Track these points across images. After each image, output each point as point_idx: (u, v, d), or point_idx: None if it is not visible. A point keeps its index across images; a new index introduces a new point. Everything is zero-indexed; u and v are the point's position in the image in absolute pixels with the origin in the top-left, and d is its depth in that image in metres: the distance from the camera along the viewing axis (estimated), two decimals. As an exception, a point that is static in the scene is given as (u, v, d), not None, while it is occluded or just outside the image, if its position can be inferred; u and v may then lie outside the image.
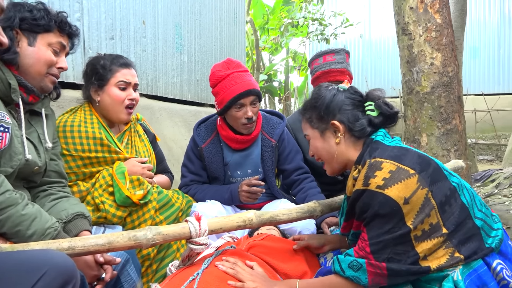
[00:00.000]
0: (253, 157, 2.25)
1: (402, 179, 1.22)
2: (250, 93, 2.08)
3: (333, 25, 10.05)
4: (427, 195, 1.22)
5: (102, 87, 1.90)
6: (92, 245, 1.26)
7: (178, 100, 4.43)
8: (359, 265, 1.23)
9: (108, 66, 1.91)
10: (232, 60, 2.19)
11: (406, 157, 1.28)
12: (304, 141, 2.56)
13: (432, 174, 1.26)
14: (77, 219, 1.49)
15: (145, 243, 1.33)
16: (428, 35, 3.42)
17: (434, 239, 1.20)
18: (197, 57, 4.80)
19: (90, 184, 1.84)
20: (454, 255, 1.20)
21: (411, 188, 1.21)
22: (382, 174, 1.23)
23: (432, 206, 1.22)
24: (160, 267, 1.88)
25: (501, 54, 10.95)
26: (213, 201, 2.16)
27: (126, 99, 1.93)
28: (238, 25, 6.24)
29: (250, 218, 1.54)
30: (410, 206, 1.20)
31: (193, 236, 1.42)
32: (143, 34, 3.68)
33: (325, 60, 2.43)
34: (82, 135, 1.83)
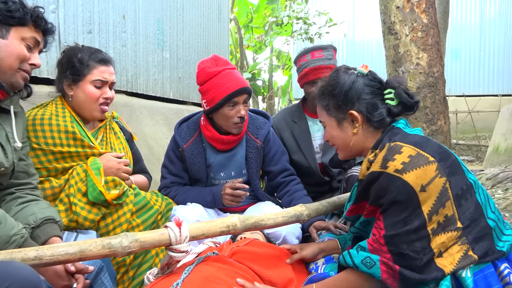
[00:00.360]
0: (237, 158, 2.17)
1: (421, 165, 1.18)
2: (244, 91, 2.01)
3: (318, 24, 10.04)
4: (444, 184, 1.18)
5: (76, 82, 1.81)
6: (62, 254, 1.16)
7: (160, 97, 4.31)
8: (373, 262, 1.17)
9: (86, 61, 1.80)
10: (219, 57, 2.10)
11: (427, 145, 1.24)
12: (289, 141, 2.50)
13: (451, 165, 1.22)
14: (47, 224, 1.40)
15: (121, 251, 1.24)
16: (414, 35, 3.39)
17: (449, 233, 1.16)
18: (179, 54, 4.69)
19: (63, 180, 1.74)
20: (468, 254, 1.16)
21: (430, 175, 1.17)
22: (402, 158, 1.19)
23: (449, 197, 1.18)
24: (137, 274, 1.79)
25: (482, 56, 11.15)
26: (194, 204, 2.06)
27: (101, 98, 1.84)
28: (222, 22, 6.13)
29: (234, 223, 1.46)
30: (427, 194, 1.16)
31: (173, 243, 1.33)
32: (123, 28, 3.55)
33: (313, 57, 2.36)
34: (54, 129, 1.73)
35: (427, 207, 1.16)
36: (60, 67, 1.84)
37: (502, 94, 10.48)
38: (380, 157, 1.23)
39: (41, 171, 1.71)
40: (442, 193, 1.17)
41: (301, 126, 2.51)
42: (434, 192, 1.16)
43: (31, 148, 1.68)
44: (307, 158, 2.46)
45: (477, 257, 1.16)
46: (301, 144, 2.48)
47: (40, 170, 1.70)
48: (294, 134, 2.50)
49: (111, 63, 1.90)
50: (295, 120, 2.53)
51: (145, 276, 1.46)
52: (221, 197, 2.05)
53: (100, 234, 1.71)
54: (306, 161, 2.46)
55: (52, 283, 1.26)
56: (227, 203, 2.06)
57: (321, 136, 2.53)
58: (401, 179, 1.16)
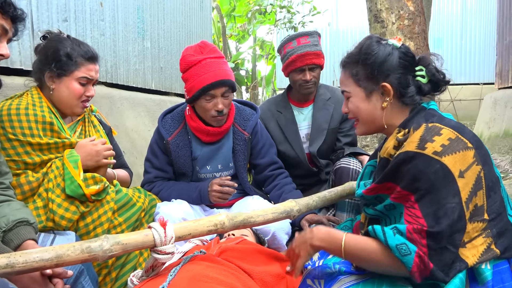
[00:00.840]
0: (224, 151, 2.09)
1: (461, 149, 1.12)
2: (222, 84, 1.89)
3: (301, 13, 9.95)
4: (479, 173, 1.13)
5: (61, 77, 1.71)
6: (37, 261, 1.08)
7: (141, 88, 4.18)
8: (408, 251, 1.08)
9: (74, 57, 1.71)
10: (206, 43, 1.98)
11: (465, 131, 1.17)
12: (275, 131, 2.44)
13: (484, 155, 1.17)
14: (20, 227, 1.30)
15: (101, 255, 1.17)
16: (401, 23, 3.35)
17: (475, 223, 1.12)
18: (160, 43, 4.55)
19: (41, 174, 1.64)
20: (490, 247, 1.12)
21: (468, 161, 1.12)
22: (441, 140, 1.12)
23: (481, 186, 1.13)
24: (120, 275, 1.71)
25: (463, 45, 11.25)
26: (179, 201, 1.98)
27: (84, 95, 1.76)
28: (204, 11, 5.99)
29: (222, 222, 1.39)
30: (465, 181, 1.10)
31: (158, 245, 1.26)
32: (101, 17, 3.40)
33: (299, 43, 2.29)
34: (31, 119, 1.63)
35: (465, 195, 1.10)
36: (44, 57, 1.72)
37: (484, 83, 10.61)
38: (416, 136, 1.15)
39: (18, 163, 1.61)
40: (477, 181, 1.12)
41: (287, 116, 2.45)
42: (471, 179, 1.11)
43: (7, 139, 1.59)
44: (294, 148, 2.41)
45: (499, 252, 1.12)
46: (287, 134, 2.43)
47: (18, 163, 1.61)
48: (280, 124, 2.45)
49: (98, 60, 1.82)
50: (280, 110, 2.47)
51: (129, 279, 1.39)
52: (208, 194, 1.97)
53: (79, 235, 1.61)
54: (293, 151, 2.41)
55: None
56: (214, 200, 1.98)
57: (308, 126, 2.48)
58: (440, 162, 1.09)
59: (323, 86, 2.53)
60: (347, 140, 2.47)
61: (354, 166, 2.13)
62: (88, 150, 1.69)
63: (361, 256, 1.19)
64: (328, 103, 2.45)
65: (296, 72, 2.32)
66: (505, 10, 6.12)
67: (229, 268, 1.39)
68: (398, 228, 1.13)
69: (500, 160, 4.90)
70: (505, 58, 6.05)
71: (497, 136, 5.60)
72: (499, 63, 6.26)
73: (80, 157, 1.66)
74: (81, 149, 1.69)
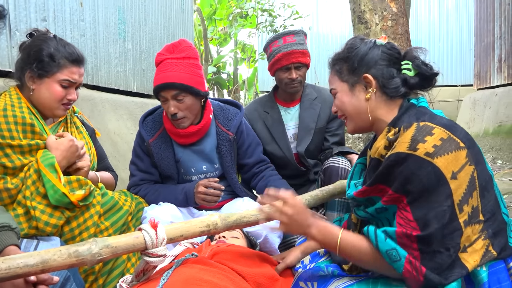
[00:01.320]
0: (206, 152, 2.04)
1: (453, 150, 1.08)
2: (170, 87, 1.83)
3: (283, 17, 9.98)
4: (473, 173, 1.10)
5: (42, 77, 1.62)
6: (21, 267, 1.01)
7: (123, 91, 4.09)
8: (398, 257, 1.07)
9: (58, 59, 1.63)
10: (182, 43, 1.93)
11: (457, 129, 1.14)
12: (262, 132, 2.42)
13: (477, 154, 1.14)
14: (1, 232, 1.22)
15: (90, 259, 1.11)
16: (384, 24, 3.37)
17: (473, 225, 1.09)
18: (142, 45, 4.47)
19: (20, 179, 1.54)
20: (488, 249, 1.10)
21: (461, 161, 1.08)
22: (433, 140, 1.09)
23: (475, 187, 1.10)
24: (107, 281, 1.64)
25: (441, 48, 11.48)
26: (166, 204, 1.92)
27: (65, 98, 1.67)
28: (185, 13, 5.93)
29: (214, 222, 1.35)
30: (458, 182, 1.07)
31: (149, 247, 1.21)
32: (81, 17, 3.31)
33: (285, 41, 2.28)
34: (10, 120, 1.55)
35: (458, 197, 1.07)
36: (26, 56, 1.64)
37: (461, 84, 10.84)
38: (407, 136, 1.12)
39: None
40: (471, 182, 1.09)
41: (274, 116, 2.43)
42: (464, 181, 1.08)
43: None
44: (282, 148, 2.39)
45: (496, 254, 1.10)
46: (274, 134, 2.41)
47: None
48: (267, 125, 2.42)
49: (84, 63, 1.73)
50: (267, 110, 2.45)
51: (118, 284, 1.32)
52: (194, 195, 1.92)
53: (64, 240, 1.54)
54: (281, 151, 2.39)
55: None
56: (200, 202, 1.94)
57: (295, 126, 2.46)
58: (432, 163, 1.06)
59: (310, 85, 2.51)
60: (335, 139, 2.46)
61: (343, 165, 2.11)
62: (63, 148, 1.60)
63: (355, 255, 1.18)
64: (315, 103, 2.44)
65: (282, 70, 2.31)
66: (482, 12, 6.28)
67: (222, 270, 1.34)
68: (388, 233, 1.11)
69: (480, 159, 4.99)
70: (483, 60, 6.19)
71: (477, 135, 5.71)
72: (477, 64, 6.40)
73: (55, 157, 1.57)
74: (54, 148, 1.60)
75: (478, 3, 6.49)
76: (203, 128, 1.98)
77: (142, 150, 2.04)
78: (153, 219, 1.24)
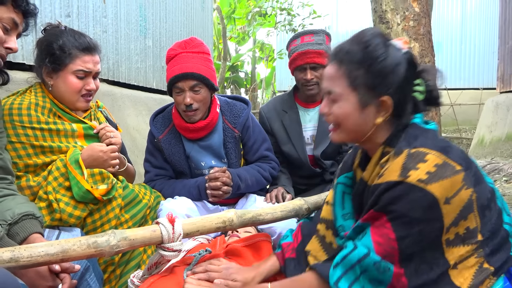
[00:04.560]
0: (214, 148, 2.06)
1: (449, 176, 1.01)
2: (189, 77, 1.86)
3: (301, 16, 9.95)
4: (471, 196, 1.03)
5: (57, 71, 1.64)
6: (42, 255, 1.03)
7: (142, 87, 4.14)
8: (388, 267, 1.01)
9: (68, 49, 1.62)
10: (194, 40, 1.98)
11: (452, 150, 1.06)
12: (279, 132, 2.39)
13: (475, 173, 1.07)
14: (26, 220, 1.26)
15: (108, 250, 1.13)
16: (406, 24, 3.32)
17: (468, 246, 1.03)
18: (162, 42, 4.52)
19: (42, 177, 1.57)
20: (483, 266, 1.03)
21: (456, 186, 1.01)
22: (426, 167, 1.01)
23: (473, 209, 1.04)
24: (124, 272, 1.67)
25: (463, 50, 11.28)
26: (182, 198, 1.94)
27: (83, 89, 1.68)
28: (205, 12, 5.97)
29: (230, 219, 1.35)
30: (450, 207, 1.01)
31: (165, 241, 1.22)
32: (104, 13, 3.37)
33: (303, 41, 2.24)
34: (33, 120, 1.57)
35: (449, 221, 1.01)
36: (40, 52, 1.67)
37: (483, 88, 10.63)
38: (397, 165, 1.04)
39: (19, 165, 1.56)
40: (467, 206, 1.03)
41: (292, 116, 2.39)
42: (458, 206, 1.02)
43: (9, 141, 1.53)
44: (297, 150, 2.36)
45: (494, 268, 1.03)
46: (291, 134, 2.37)
47: (18, 165, 1.55)
48: (285, 124, 2.39)
49: (97, 50, 1.73)
50: (285, 110, 2.41)
51: (129, 280, 1.34)
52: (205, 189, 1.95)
53: (86, 232, 1.57)
54: (296, 153, 2.36)
55: (35, 285, 1.12)
56: (211, 199, 1.96)
57: (313, 127, 2.41)
58: (425, 190, 0.99)
59: None
60: (353, 142, 2.43)
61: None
62: (95, 156, 1.62)
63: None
64: None
65: (298, 70, 2.27)
66: (508, 14, 6.13)
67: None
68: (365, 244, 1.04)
69: (503, 163, 4.88)
70: (507, 62, 6.05)
71: (499, 140, 5.59)
72: (501, 67, 6.26)
73: (81, 154, 1.60)
74: (88, 152, 1.62)
75: (503, 4, 6.34)
76: (211, 123, 2.00)
77: (154, 146, 2.08)
78: (170, 214, 1.26)
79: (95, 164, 1.62)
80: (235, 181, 1.96)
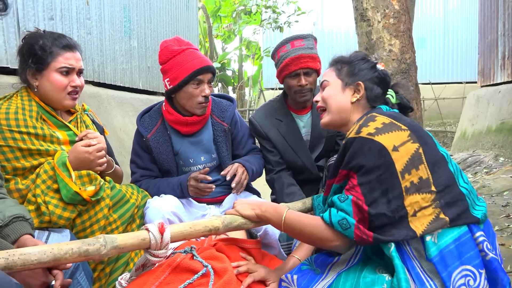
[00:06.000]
0: (204, 143, 2.10)
1: (394, 130, 1.28)
2: (209, 70, 1.99)
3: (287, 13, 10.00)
4: (417, 149, 1.26)
5: (40, 71, 1.66)
6: (35, 264, 1.08)
7: (128, 88, 4.15)
8: (348, 225, 1.24)
9: (49, 48, 1.66)
10: (181, 38, 2.06)
11: (401, 118, 1.34)
12: (277, 140, 2.29)
13: (423, 136, 1.30)
14: (16, 222, 1.29)
15: (98, 258, 1.18)
16: (386, 22, 3.39)
17: (423, 194, 1.23)
18: (147, 42, 4.53)
19: (30, 180, 1.60)
20: (439, 216, 1.22)
21: (402, 139, 1.27)
22: (375, 124, 1.30)
23: (422, 161, 1.26)
24: (113, 270, 1.71)
25: (446, 45, 11.46)
26: (168, 196, 1.98)
27: (69, 86, 1.70)
28: (190, 10, 5.98)
29: (216, 227, 1.41)
30: (399, 154, 1.24)
31: (153, 248, 1.28)
32: (87, 15, 3.37)
33: (293, 46, 2.17)
34: (20, 124, 1.60)
35: (400, 166, 1.23)
36: (22, 56, 1.69)
37: (466, 81, 10.83)
38: (356, 126, 1.34)
39: (7, 169, 1.58)
40: (415, 156, 1.25)
41: (288, 124, 2.30)
42: (406, 154, 1.25)
43: None
44: (301, 157, 2.29)
45: (448, 219, 1.21)
46: (291, 143, 2.29)
47: (6, 168, 1.58)
48: (282, 133, 2.29)
49: (77, 48, 1.76)
50: (279, 118, 2.31)
51: (117, 282, 1.39)
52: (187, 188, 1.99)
53: (75, 232, 1.60)
54: (300, 160, 2.29)
55: (27, 282, 1.16)
56: (193, 195, 2.00)
57: (306, 133, 2.35)
58: (374, 140, 1.26)
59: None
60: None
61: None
62: (81, 158, 1.64)
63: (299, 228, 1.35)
64: None
65: (291, 77, 2.17)
66: (486, 9, 6.27)
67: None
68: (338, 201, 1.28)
69: (483, 156, 5.01)
70: (487, 57, 6.18)
71: (481, 132, 5.73)
72: (481, 61, 6.40)
73: (67, 157, 1.63)
74: (74, 154, 1.65)
75: (482, 0, 6.48)
76: (207, 116, 2.07)
77: (141, 147, 2.11)
78: (161, 223, 1.30)
79: (82, 166, 1.65)
80: (248, 167, 2.05)
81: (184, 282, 1.26)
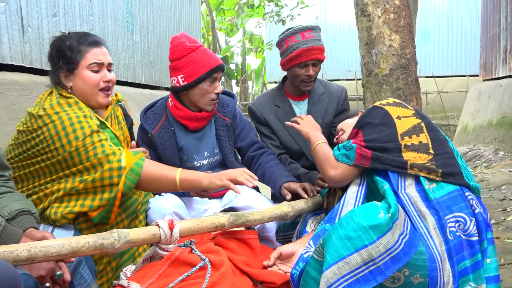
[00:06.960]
0: (208, 138, 2.14)
1: (402, 107, 1.58)
2: (222, 68, 2.06)
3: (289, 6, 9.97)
4: (419, 123, 1.53)
5: (72, 71, 1.69)
6: (54, 256, 1.17)
7: (131, 83, 4.20)
8: (351, 146, 1.54)
9: (76, 47, 1.69)
10: (188, 34, 2.08)
11: (409, 105, 1.64)
12: (275, 124, 2.38)
13: (427, 120, 1.56)
14: (22, 216, 1.34)
15: (112, 251, 1.28)
16: (386, 17, 3.40)
17: (421, 154, 1.46)
18: (150, 37, 4.57)
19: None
20: (431, 166, 1.44)
21: (407, 114, 1.55)
22: (387, 101, 1.63)
23: (423, 131, 1.51)
24: (120, 264, 1.74)
25: (450, 38, 11.39)
26: (169, 194, 2.02)
27: (101, 82, 1.73)
28: (193, 5, 6.00)
29: (222, 224, 1.52)
30: (401, 122, 1.51)
31: (162, 243, 1.38)
32: (90, 11, 3.41)
33: (304, 37, 2.24)
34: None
35: (401, 130, 1.50)
36: (52, 61, 1.73)
37: (470, 75, 10.78)
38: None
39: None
40: (417, 126, 1.51)
41: (285, 109, 2.40)
42: (408, 124, 1.51)
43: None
44: (297, 141, 2.37)
45: (441, 171, 1.43)
46: (288, 127, 2.32)
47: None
48: (279, 118, 2.39)
49: (103, 43, 1.79)
50: (277, 104, 2.42)
51: (121, 273, 1.44)
52: None
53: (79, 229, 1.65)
54: (297, 144, 2.38)
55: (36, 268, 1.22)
56: (192, 195, 2.03)
57: None
58: (382, 108, 1.56)
59: (317, 80, 2.49)
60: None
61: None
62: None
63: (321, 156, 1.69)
64: (323, 98, 2.43)
65: (299, 67, 2.25)
66: (489, 3, 6.24)
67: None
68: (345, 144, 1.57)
69: (484, 150, 5.03)
70: (489, 51, 6.17)
71: (481, 126, 5.74)
72: (483, 55, 6.39)
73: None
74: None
75: (485, -6, 6.46)
76: (212, 112, 2.10)
77: (145, 143, 2.12)
78: (172, 220, 1.39)
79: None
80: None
81: (183, 274, 1.32)
